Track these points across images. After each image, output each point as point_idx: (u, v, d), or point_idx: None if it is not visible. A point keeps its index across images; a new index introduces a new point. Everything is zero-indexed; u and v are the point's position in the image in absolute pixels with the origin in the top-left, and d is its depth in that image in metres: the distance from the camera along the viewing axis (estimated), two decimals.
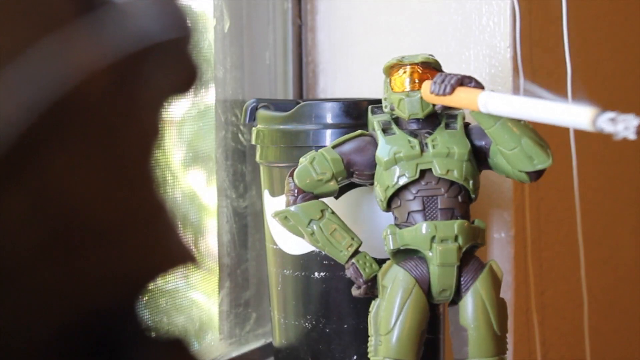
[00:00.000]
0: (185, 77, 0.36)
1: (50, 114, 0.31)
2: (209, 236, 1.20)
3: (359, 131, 0.99)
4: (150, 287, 0.35)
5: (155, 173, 0.35)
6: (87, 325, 0.33)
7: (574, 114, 0.76)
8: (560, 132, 1.19)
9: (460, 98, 0.90)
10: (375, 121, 0.98)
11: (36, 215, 0.32)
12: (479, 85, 0.91)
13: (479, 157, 0.97)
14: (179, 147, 1.15)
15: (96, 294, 0.33)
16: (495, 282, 0.95)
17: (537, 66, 1.23)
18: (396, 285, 0.94)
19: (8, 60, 0.31)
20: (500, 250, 1.21)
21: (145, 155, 0.35)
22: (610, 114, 0.72)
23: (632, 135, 0.71)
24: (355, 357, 1.04)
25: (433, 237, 0.93)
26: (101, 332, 0.34)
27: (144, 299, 0.35)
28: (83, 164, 0.33)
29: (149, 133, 0.35)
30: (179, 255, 0.36)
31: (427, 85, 0.94)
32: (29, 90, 0.31)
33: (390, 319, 0.93)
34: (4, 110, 0.31)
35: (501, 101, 0.86)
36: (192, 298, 1.17)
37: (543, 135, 0.94)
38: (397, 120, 0.98)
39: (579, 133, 1.21)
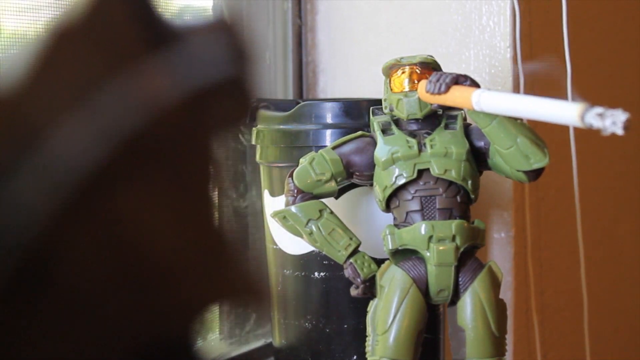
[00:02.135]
0: (243, 106, 0.36)
1: (122, 148, 0.32)
2: None
3: (360, 132, 0.99)
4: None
5: (221, 205, 0.35)
6: (149, 356, 0.33)
7: (563, 110, 0.75)
8: (560, 132, 1.19)
9: (455, 97, 0.90)
10: (375, 122, 0.98)
11: (106, 248, 0.32)
12: (475, 84, 0.91)
13: (479, 158, 0.97)
14: None
15: (163, 326, 0.33)
16: (494, 283, 0.95)
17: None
18: (393, 285, 0.93)
19: (82, 94, 0.32)
20: (500, 250, 1.21)
21: (210, 188, 0.35)
22: (598, 109, 0.71)
23: (619, 131, 0.70)
24: (355, 357, 1.04)
25: (430, 237, 0.93)
26: None
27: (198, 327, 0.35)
28: (152, 197, 0.33)
29: (212, 165, 0.35)
30: (242, 289, 0.36)
31: (423, 84, 0.94)
32: (102, 124, 0.31)
33: (387, 319, 0.93)
34: (78, 144, 0.31)
35: (493, 98, 0.86)
36: None
37: (543, 135, 0.94)
38: (397, 121, 0.98)
39: (579, 133, 1.21)
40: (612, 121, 0.70)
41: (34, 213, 0.30)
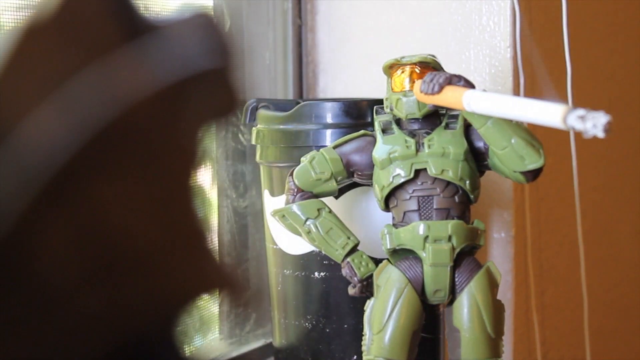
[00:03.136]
0: (225, 102, 0.36)
1: (96, 140, 0.32)
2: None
3: (362, 131, 0.99)
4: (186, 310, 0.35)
5: (195, 199, 0.35)
6: (128, 350, 0.33)
7: (547, 112, 0.74)
8: (560, 132, 1.19)
9: (448, 97, 0.89)
10: (377, 121, 0.98)
11: (81, 241, 0.32)
12: (469, 84, 0.91)
13: (479, 158, 0.96)
14: None
15: (138, 320, 0.33)
16: (492, 284, 0.94)
17: (537, 66, 1.23)
18: (389, 284, 0.93)
19: (55, 87, 0.32)
20: (500, 250, 1.21)
21: (186, 181, 0.35)
22: (579, 111, 0.70)
23: (600, 134, 0.69)
24: (355, 357, 1.05)
25: (426, 237, 0.93)
26: (142, 357, 0.34)
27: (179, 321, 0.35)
28: (127, 190, 0.33)
29: (189, 158, 0.35)
30: (217, 280, 0.36)
31: (418, 84, 0.93)
32: (76, 116, 0.31)
33: (382, 318, 0.93)
34: (52, 137, 0.31)
35: (482, 100, 0.85)
36: None
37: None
38: (398, 121, 0.98)
39: (579, 133, 1.21)
40: (592, 124, 0.69)
41: (5, 205, 0.30)
